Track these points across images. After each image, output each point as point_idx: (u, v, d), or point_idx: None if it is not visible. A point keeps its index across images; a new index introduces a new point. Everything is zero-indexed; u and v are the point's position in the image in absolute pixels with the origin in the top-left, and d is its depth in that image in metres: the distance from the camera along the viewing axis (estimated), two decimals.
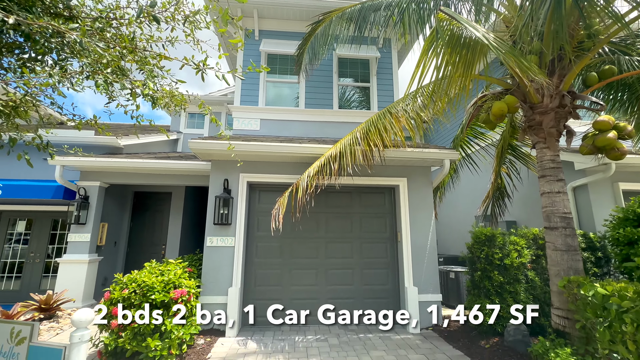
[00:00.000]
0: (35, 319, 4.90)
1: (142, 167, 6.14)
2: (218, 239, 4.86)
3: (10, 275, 6.73)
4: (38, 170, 6.54)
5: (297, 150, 4.89)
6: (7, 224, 6.90)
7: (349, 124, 6.80)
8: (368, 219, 5.46)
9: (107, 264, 6.76)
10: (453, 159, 5.21)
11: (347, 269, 5.23)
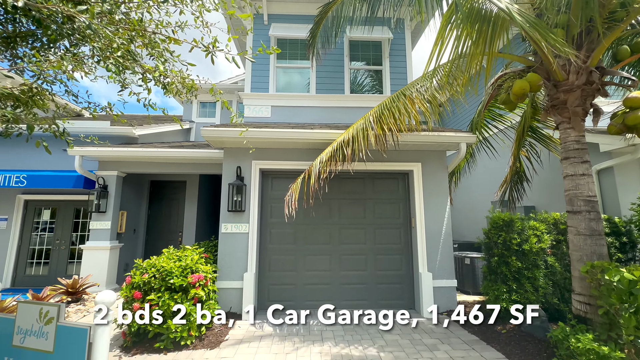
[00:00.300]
0: (63, 301, 5.16)
1: (156, 156, 6.24)
2: (232, 225, 4.93)
3: (39, 262, 7.08)
4: (59, 161, 6.78)
5: (308, 136, 4.83)
6: (34, 213, 7.22)
7: (361, 108, 6.66)
8: (381, 205, 5.41)
9: (127, 250, 7.01)
10: (470, 142, 5.04)
11: (360, 255, 5.23)
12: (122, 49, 1.86)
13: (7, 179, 6.19)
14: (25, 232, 7.11)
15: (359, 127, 4.22)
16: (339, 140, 4.32)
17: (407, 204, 5.41)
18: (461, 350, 3.60)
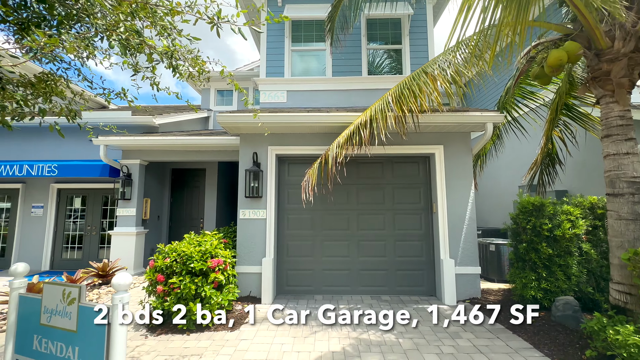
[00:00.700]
0: (95, 283, 5.46)
1: (176, 144, 6.34)
2: (250, 211, 4.95)
3: (73, 246, 7.52)
4: (88, 152, 7.06)
5: (325, 119, 4.70)
6: (66, 201, 7.62)
7: (380, 90, 6.40)
8: (401, 190, 5.23)
9: (152, 236, 7.28)
10: (497, 122, 4.71)
11: (379, 241, 5.13)
12: (124, 24, 1.81)
13: (40, 168, 6.52)
14: (59, 218, 7.54)
15: (377, 108, 4.04)
16: (356, 123, 4.17)
17: (428, 189, 5.21)
18: (485, 339, 3.46)
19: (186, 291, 3.62)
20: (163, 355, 3.13)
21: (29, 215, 7.50)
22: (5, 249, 7.50)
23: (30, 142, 7.47)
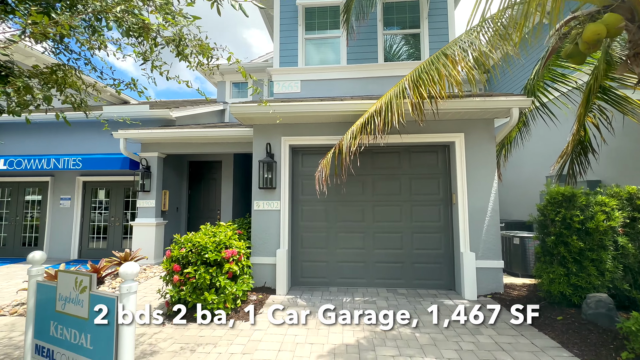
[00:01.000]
0: (117, 272, 5.66)
1: (192, 136, 6.40)
2: (264, 202, 4.93)
3: (99, 236, 7.86)
4: (109, 146, 7.30)
5: (338, 108, 4.56)
6: (91, 194, 7.94)
7: (397, 77, 6.15)
8: (419, 180, 5.04)
9: (171, 227, 7.47)
10: (523, 107, 4.40)
11: (396, 233, 4.99)
12: (121, 3, 1.77)
13: (65, 162, 6.79)
14: (85, 210, 7.88)
15: (392, 94, 3.86)
16: (370, 111, 4.01)
17: (448, 179, 4.98)
18: (508, 336, 3.29)
19: (201, 281, 3.66)
20: (179, 342, 3.18)
21: (57, 207, 7.88)
22: (38, 238, 7.93)
23: (57, 137, 7.79)
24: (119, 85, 2.61)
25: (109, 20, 1.86)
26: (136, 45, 2.18)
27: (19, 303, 4.34)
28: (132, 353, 1.60)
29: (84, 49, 2.27)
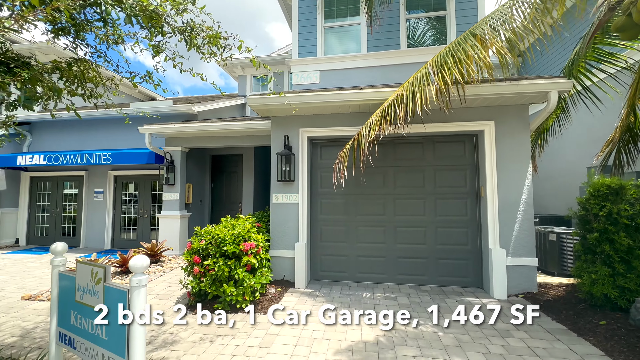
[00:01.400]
0: None
1: (212, 129, 6.48)
2: (282, 195, 4.89)
3: (129, 228, 8.25)
4: (137, 141, 7.59)
5: (357, 97, 4.37)
6: (121, 187, 8.32)
7: (420, 64, 5.84)
8: (443, 172, 4.77)
9: (195, 219, 7.67)
10: (563, 90, 3.98)
11: (419, 227, 4.77)
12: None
13: (97, 157, 7.13)
14: (116, 202, 8.28)
15: (415, 80, 3.62)
16: (391, 99, 3.80)
17: (475, 171, 4.67)
18: (542, 340, 3.03)
19: (220, 273, 3.68)
20: (199, 333, 3.23)
21: (92, 200, 8.35)
22: (76, 229, 8.46)
23: (90, 133, 8.21)
24: (134, 78, 2.63)
25: (107, 4, 1.83)
26: (150, 39, 2.15)
27: None
28: (143, 347, 1.60)
29: (98, 42, 2.27)
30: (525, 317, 3.00)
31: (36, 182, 8.80)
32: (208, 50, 2.63)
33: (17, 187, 8.72)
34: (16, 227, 8.63)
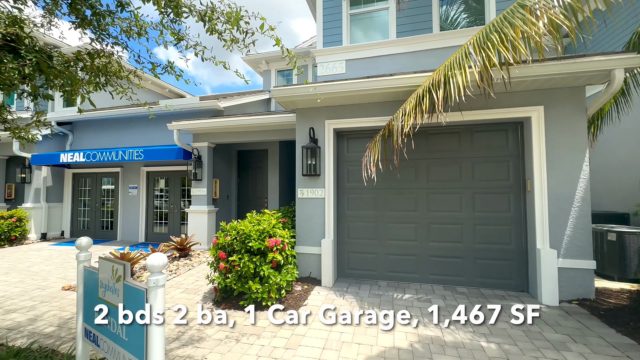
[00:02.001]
0: (175, 256, 6.03)
1: (238, 124, 6.45)
2: (308, 190, 4.72)
3: (161, 222, 8.52)
4: (167, 138, 7.79)
5: (388, 84, 4.07)
6: (153, 183, 8.61)
7: (454, 48, 5.42)
8: (483, 165, 4.36)
9: (222, 214, 7.76)
10: (632, 66, 3.42)
11: (454, 224, 4.41)
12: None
13: (130, 153, 7.39)
14: (149, 197, 8.58)
15: (453, 62, 3.27)
16: (425, 85, 3.47)
17: (521, 163, 4.22)
18: (607, 356, 2.63)
19: (245, 269, 3.60)
20: (224, 331, 3.16)
21: (127, 195, 8.72)
22: (113, 223, 8.90)
23: (125, 132, 8.55)
24: (155, 68, 2.56)
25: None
26: (171, 29, 2.04)
27: None
28: (161, 349, 1.49)
29: (119, 31, 2.21)
30: (584, 329, 2.62)
31: (78, 178, 9.35)
32: (230, 37, 2.49)
33: (62, 183, 9.31)
34: (61, 220, 9.24)
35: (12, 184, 9.53)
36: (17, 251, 7.21)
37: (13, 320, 3.51)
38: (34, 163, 8.20)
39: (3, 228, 7.61)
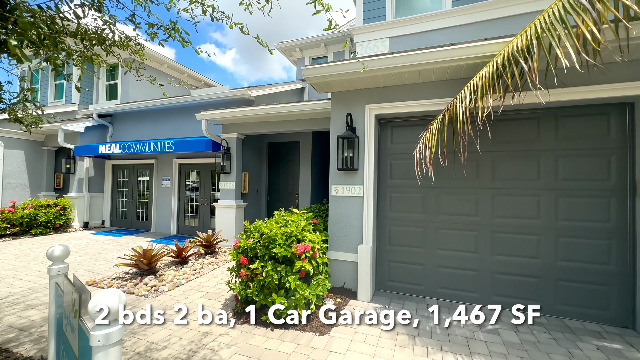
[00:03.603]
0: (200, 253, 5.72)
1: (268, 113, 5.94)
2: (344, 187, 4.05)
3: (192, 215, 8.39)
4: (198, 130, 7.57)
5: (449, 55, 3.23)
6: (185, 175, 8.48)
7: (531, 15, 4.39)
8: (572, 159, 3.37)
9: (252, 209, 7.38)
10: None
11: (528, 234, 3.49)
12: None
13: (161, 145, 7.25)
14: (181, 190, 8.48)
15: (553, 15, 2.37)
16: (506, 52, 2.61)
17: (628, 157, 3.18)
18: None
19: (268, 280, 3.05)
20: (242, 354, 2.64)
21: (161, 187, 8.70)
22: (148, 214, 8.97)
23: (159, 123, 8.50)
24: (152, 26, 2.04)
25: None
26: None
27: (116, 277, 4.59)
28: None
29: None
30: None
31: (117, 169, 9.56)
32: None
33: (102, 174, 9.59)
34: (102, 210, 9.53)
35: (61, 174, 10.02)
36: (60, 239, 7.44)
37: (28, 319, 3.31)
38: (77, 154, 8.44)
39: (49, 216, 7.93)
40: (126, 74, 2.07)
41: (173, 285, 4.23)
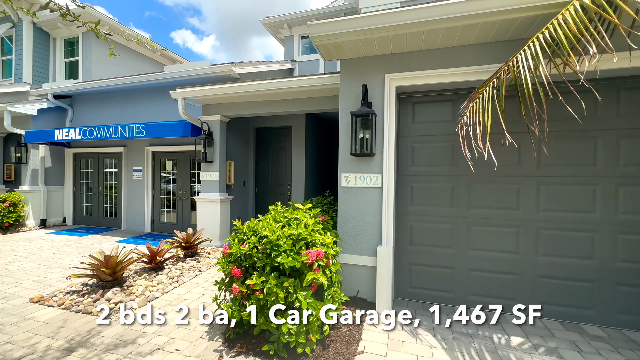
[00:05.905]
0: (179, 255, 4.85)
1: (257, 90, 5.06)
2: (357, 176, 3.32)
3: (169, 210, 7.41)
4: (174, 113, 6.56)
5: (511, 2, 2.52)
6: (159, 165, 7.45)
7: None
8: (636, 140, 2.80)
9: (238, 203, 6.53)
10: None
11: (582, 231, 2.92)
12: None
13: (130, 129, 6.21)
14: (155, 182, 7.46)
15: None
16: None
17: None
18: None
19: (272, 299, 2.30)
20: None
21: (131, 178, 7.63)
22: (117, 210, 7.88)
23: (128, 106, 7.39)
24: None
25: None
26: None
27: (71, 290, 3.68)
28: None
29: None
30: None
31: (79, 159, 8.34)
32: None
33: (62, 165, 8.34)
34: (63, 206, 8.33)
35: (11, 164, 8.65)
36: (8, 241, 6.29)
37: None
38: (28, 140, 7.19)
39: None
40: (88, 48, 1.40)
41: (144, 299, 3.39)
